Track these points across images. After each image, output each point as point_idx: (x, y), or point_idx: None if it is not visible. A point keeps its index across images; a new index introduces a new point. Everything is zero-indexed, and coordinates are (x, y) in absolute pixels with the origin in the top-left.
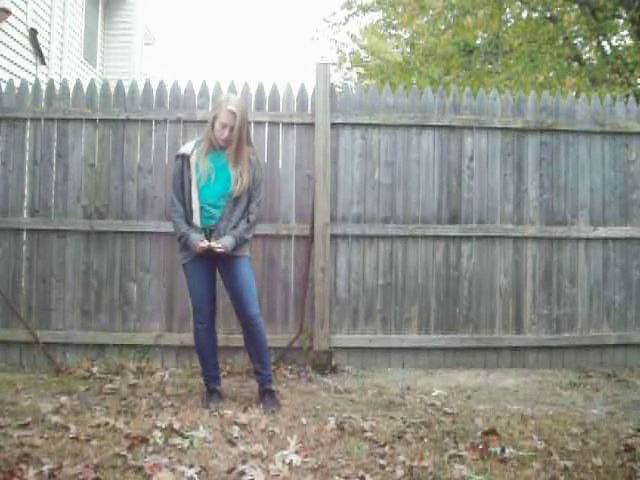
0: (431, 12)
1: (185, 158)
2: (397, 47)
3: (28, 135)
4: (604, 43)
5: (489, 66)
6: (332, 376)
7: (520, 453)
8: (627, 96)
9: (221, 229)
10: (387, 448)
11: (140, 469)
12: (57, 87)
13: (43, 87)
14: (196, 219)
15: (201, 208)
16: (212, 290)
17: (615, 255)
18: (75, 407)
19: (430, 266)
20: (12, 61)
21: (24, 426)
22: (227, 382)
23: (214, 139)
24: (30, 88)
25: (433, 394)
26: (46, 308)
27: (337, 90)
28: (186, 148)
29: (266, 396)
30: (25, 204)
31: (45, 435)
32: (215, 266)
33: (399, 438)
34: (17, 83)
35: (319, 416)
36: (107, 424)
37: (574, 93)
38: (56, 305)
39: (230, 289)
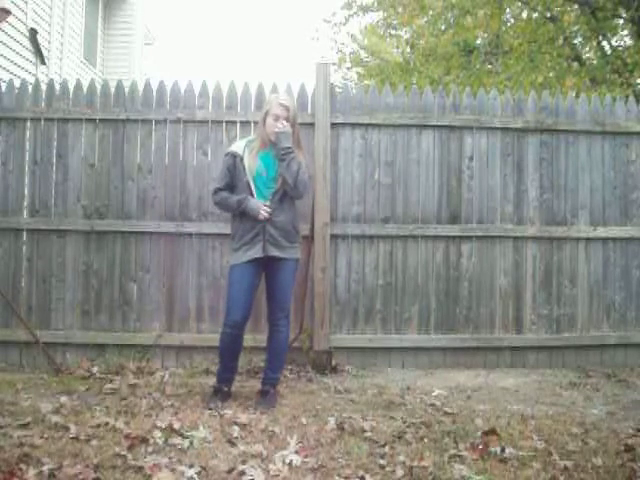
0: (431, 12)
1: (237, 157)
2: (397, 47)
3: (28, 135)
4: (604, 43)
5: (489, 66)
6: (332, 376)
7: (520, 453)
8: (627, 96)
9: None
10: (387, 448)
11: (140, 469)
12: (57, 87)
13: (43, 87)
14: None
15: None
16: (249, 299)
17: (615, 255)
18: (75, 407)
19: (430, 266)
20: (12, 61)
21: (24, 426)
22: None
23: (265, 135)
24: (30, 88)
25: (433, 394)
26: (46, 308)
27: (337, 90)
28: (237, 147)
29: (261, 396)
30: (25, 204)
31: (45, 435)
32: (261, 273)
33: (399, 438)
34: (17, 83)
35: (319, 416)
36: (107, 424)
37: (574, 93)
38: (56, 305)
39: (267, 288)
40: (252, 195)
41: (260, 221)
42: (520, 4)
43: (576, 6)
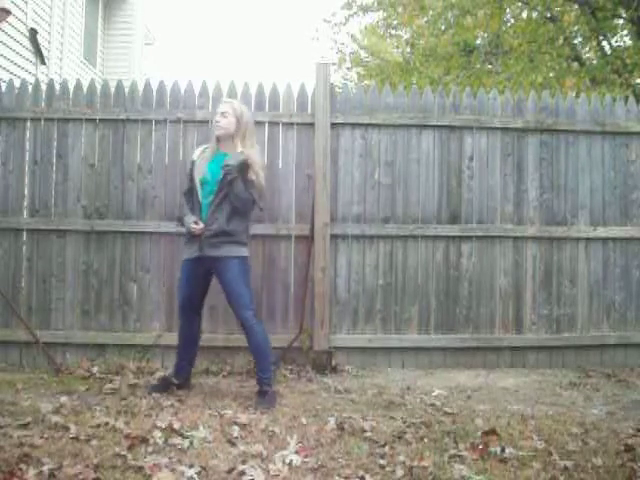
0: (431, 12)
1: (194, 164)
2: (397, 47)
3: (28, 135)
4: (604, 43)
5: (489, 66)
6: (332, 376)
7: (520, 453)
8: (627, 96)
9: (209, 217)
10: (387, 448)
11: (140, 469)
12: (57, 87)
13: (43, 87)
14: (202, 216)
15: (203, 207)
16: (195, 291)
17: (615, 255)
18: (75, 407)
19: (430, 266)
20: (12, 61)
21: (24, 426)
22: (227, 382)
23: (214, 134)
24: (30, 88)
25: (433, 394)
26: (46, 308)
27: (337, 90)
28: (195, 154)
29: (259, 396)
30: (25, 204)
31: (45, 435)
32: (205, 273)
33: (399, 438)
34: (17, 83)
35: (319, 416)
36: (107, 424)
37: (574, 93)
38: (56, 305)
39: (224, 292)
40: (198, 200)
41: (196, 235)
42: (520, 4)
43: (576, 6)
